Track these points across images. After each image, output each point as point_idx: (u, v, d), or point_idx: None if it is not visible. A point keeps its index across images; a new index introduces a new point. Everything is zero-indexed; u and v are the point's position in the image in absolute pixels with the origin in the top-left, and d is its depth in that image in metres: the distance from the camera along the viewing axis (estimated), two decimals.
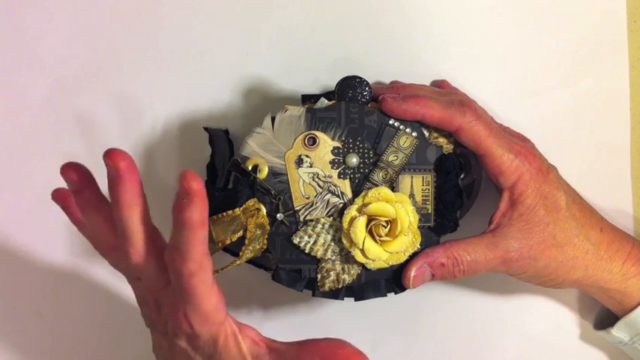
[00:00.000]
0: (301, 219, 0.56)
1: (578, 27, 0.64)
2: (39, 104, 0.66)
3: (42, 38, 0.65)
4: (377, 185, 0.55)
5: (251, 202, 0.55)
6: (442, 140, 0.56)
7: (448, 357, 0.68)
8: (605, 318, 0.63)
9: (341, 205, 0.56)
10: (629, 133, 0.65)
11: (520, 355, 0.68)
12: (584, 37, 0.64)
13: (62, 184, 0.66)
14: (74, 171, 0.45)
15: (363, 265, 0.56)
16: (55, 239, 0.67)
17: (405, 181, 0.56)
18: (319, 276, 0.56)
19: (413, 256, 0.56)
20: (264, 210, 0.55)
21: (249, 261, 0.59)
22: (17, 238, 0.67)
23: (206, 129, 0.63)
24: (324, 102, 0.56)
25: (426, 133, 0.56)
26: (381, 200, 0.54)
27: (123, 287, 0.66)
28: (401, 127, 0.55)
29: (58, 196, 0.48)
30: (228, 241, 0.54)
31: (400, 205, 0.54)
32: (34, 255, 0.67)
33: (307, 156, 0.55)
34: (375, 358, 0.68)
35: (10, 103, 0.66)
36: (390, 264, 0.55)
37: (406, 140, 0.55)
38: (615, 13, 0.64)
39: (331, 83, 0.58)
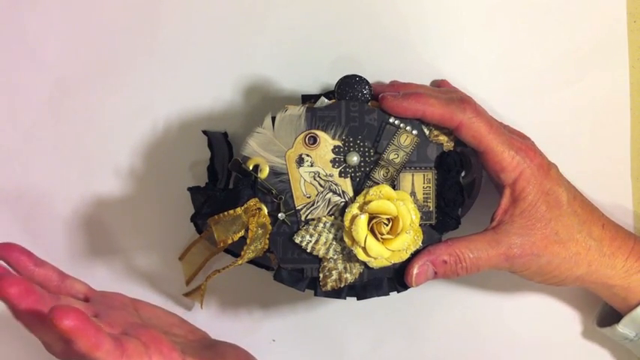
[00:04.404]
0: (303, 218, 0.55)
1: (578, 27, 0.64)
2: (39, 104, 0.66)
3: (42, 38, 0.65)
4: (378, 183, 0.55)
5: (252, 202, 0.54)
6: (443, 138, 0.56)
7: (449, 357, 0.68)
8: (607, 315, 0.63)
9: (342, 203, 0.55)
10: (629, 133, 0.65)
11: (522, 354, 0.67)
12: (584, 37, 0.64)
13: (61, 183, 0.66)
14: (16, 284, 0.43)
15: (365, 264, 0.55)
16: (55, 239, 0.67)
17: (406, 179, 0.56)
18: (321, 275, 0.56)
19: (415, 254, 0.55)
20: (265, 209, 0.55)
21: (251, 261, 0.59)
22: (17, 238, 0.66)
23: (205, 132, 0.63)
24: (324, 101, 0.56)
25: (427, 131, 0.56)
26: (383, 198, 0.54)
27: (123, 288, 0.66)
28: (401, 125, 0.55)
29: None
30: (229, 241, 0.54)
31: (401, 203, 0.54)
32: None
33: (308, 155, 0.55)
34: (375, 357, 0.68)
35: (10, 103, 0.66)
36: (392, 262, 0.55)
37: (407, 138, 0.55)
38: (615, 13, 0.64)
39: (331, 82, 0.58)
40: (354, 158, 0.55)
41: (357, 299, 0.56)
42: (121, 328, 0.49)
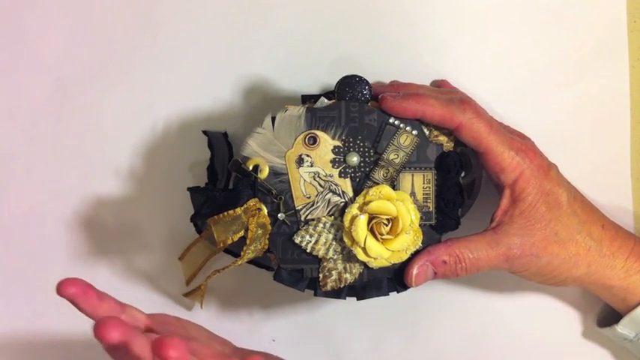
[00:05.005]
0: (302, 218, 0.55)
1: (578, 27, 0.64)
2: (39, 104, 0.66)
3: (42, 38, 0.65)
4: (378, 184, 0.55)
5: (252, 202, 0.54)
6: (442, 139, 0.56)
7: (449, 357, 0.68)
8: (607, 316, 0.63)
9: (342, 204, 0.55)
10: (629, 133, 0.65)
11: (522, 354, 0.67)
12: (584, 37, 0.64)
13: (61, 184, 0.66)
14: (116, 328, 0.39)
15: (364, 264, 0.55)
16: (55, 239, 0.67)
17: (406, 179, 0.56)
18: (321, 275, 0.56)
19: (415, 255, 0.55)
20: (265, 210, 0.55)
21: (251, 261, 0.59)
22: (17, 238, 0.66)
23: (205, 132, 0.63)
24: (324, 101, 0.56)
25: (427, 132, 0.56)
26: (382, 199, 0.54)
27: (123, 288, 0.66)
28: (401, 125, 0.55)
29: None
30: (229, 241, 0.54)
31: (401, 204, 0.54)
32: (34, 255, 0.67)
33: (308, 155, 0.55)
34: (375, 358, 0.68)
35: (10, 103, 0.66)
36: (392, 262, 0.55)
37: (406, 139, 0.55)
38: (615, 13, 0.64)
39: (331, 83, 0.58)
40: (354, 158, 0.55)
41: (357, 299, 0.56)
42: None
